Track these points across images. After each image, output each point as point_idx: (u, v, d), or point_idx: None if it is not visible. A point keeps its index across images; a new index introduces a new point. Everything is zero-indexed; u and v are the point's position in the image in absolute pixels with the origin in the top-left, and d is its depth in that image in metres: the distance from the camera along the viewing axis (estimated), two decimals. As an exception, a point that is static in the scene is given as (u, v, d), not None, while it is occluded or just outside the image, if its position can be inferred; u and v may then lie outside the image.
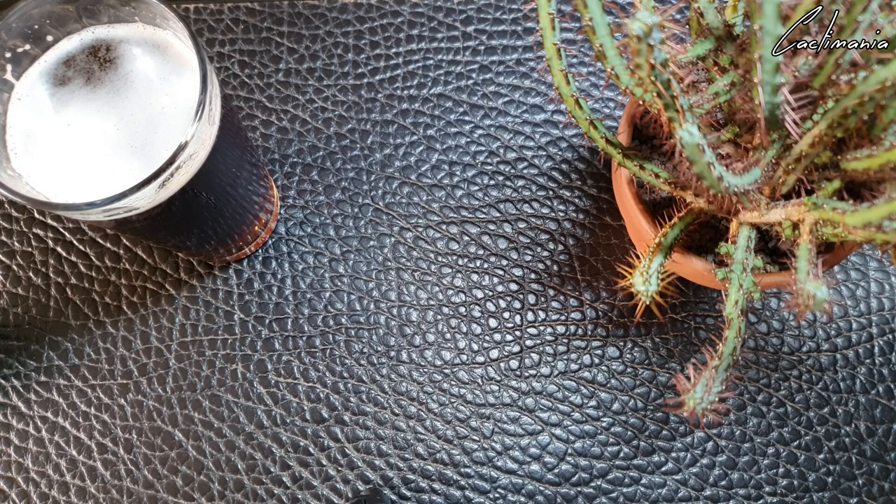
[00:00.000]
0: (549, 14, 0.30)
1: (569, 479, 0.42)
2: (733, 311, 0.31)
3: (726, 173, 0.28)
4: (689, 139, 0.25)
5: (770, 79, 0.26)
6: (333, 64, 0.50)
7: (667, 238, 0.33)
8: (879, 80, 0.25)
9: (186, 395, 0.44)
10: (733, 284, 0.31)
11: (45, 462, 0.43)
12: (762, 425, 0.43)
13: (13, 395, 0.45)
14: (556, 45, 0.30)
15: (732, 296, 0.31)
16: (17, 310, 0.46)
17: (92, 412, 0.44)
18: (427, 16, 0.51)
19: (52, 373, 0.45)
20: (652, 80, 0.24)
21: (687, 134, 0.25)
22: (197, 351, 0.45)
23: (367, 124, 0.49)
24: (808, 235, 0.29)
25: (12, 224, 0.48)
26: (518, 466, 0.43)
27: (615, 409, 0.44)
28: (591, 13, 0.29)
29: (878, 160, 0.26)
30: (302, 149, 0.49)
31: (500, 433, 0.43)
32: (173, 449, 0.44)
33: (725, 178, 0.27)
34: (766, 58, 0.25)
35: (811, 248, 0.29)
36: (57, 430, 0.44)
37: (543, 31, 0.30)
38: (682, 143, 0.25)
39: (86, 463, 0.43)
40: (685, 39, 0.31)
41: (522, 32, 0.51)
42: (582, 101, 0.31)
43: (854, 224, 0.27)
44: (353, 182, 0.48)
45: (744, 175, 0.29)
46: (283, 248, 0.47)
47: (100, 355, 0.45)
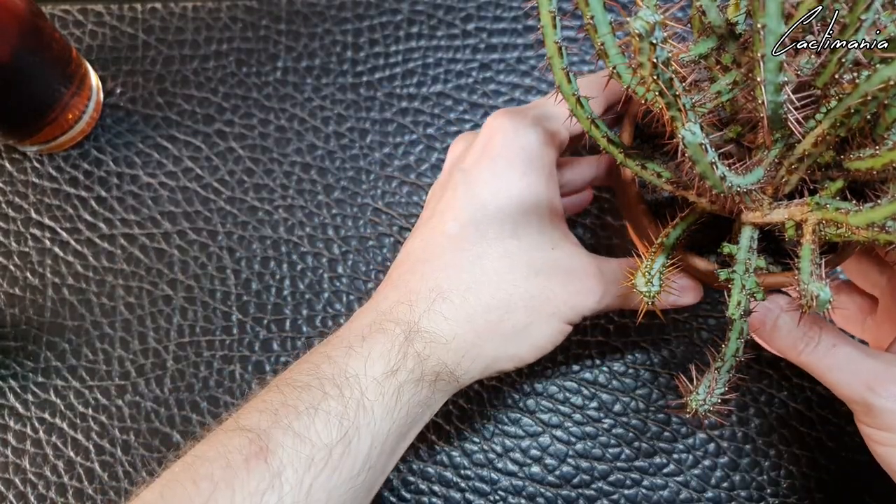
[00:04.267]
0: (550, 12, 0.29)
1: (570, 481, 0.42)
2: (736, 312, 0.30)
3: (729, 173, 0.27)
4: (691, 138, 0.24)
5: (773, 78, 0.26)
6: (332, 62, 0.50)
7: (669, 238, 0.32)
8: (882, 80, 0.24)
9: (184, 396, 0.44)
10: (736, 285, 0.31)
11: (43, 463, 0.43)
12: (764, 426, 0.43)
13: (10, 396, 0.44)
14: (558, 42, 0.30)
15: (735, 297, 0.31)
16: (14, 310, 0.46)
17: (90, 413, 0.44)
18: (427, 13, 0.51)
19: (49, 374, 0.45)
20: (654, 79, 0.24)
21: (689, 133, 0.24)
22: (195, 352, 0.45)
23: (366, 123, 0.49)
24: (811, 235, 0.29)
25: (9, 224, 0.47)
26: (518, 468, 0.43)
27: (616, 411, 0.43)
28: (592, 11, 0.28)
29: (882, 160, 0.26)
30: (300, 148, 0.48)
31: (501, 435, 0.43)
32: (171, 450, 0.43)
33: (728, 178, 0.27)
34: (768, 57, 0.25)
35: (814, 249, 0.28)
36: (54, 431, 0.44)
37: (544, 28, 0.30)
38: (685, 142, 0.25)
39: (83, 464, 0.43)
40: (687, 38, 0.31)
41: (523, 30, 0.50)
42: (584, 100, 0.31)
43: (857, 224, 0.26)
44: (352, 181, 0.48)
45: (747, 174, 0.29)
46: (281, 248, 0.47)
47: (97, 356, 0.45)
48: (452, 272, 0.34)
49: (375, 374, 0.31)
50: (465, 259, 0.34)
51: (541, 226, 0.35)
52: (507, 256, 0.34)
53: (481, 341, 0.33)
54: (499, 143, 0.35)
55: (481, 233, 0.34)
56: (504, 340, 0.34)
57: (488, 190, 0.34)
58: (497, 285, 0.33)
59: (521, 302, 0.33)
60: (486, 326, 0.33)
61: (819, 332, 0.32)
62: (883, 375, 0.31)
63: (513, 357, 0.34)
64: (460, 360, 0.33)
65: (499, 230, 0.34)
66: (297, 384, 0.31)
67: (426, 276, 0.34)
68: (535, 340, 0.34)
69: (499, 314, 0.33)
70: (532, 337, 0.34)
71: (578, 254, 0.35)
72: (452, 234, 0.34)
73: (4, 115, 0.45)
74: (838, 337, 0.32)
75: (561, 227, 0.36)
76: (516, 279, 0.33)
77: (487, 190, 0.34)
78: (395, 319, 0.33)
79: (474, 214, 0.34)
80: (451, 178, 0.36)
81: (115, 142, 0.49)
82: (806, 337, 0.32)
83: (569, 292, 0.34)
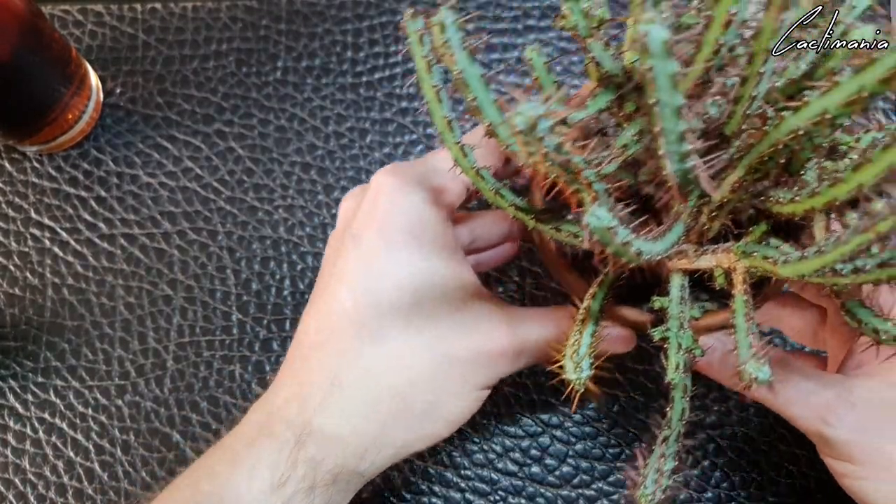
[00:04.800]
0: (433, 87, 0.27)
1: (570, 482, 0.42)
2: (676, 376, 0.28)
3: (645, 243, 0.25)
4: (597, 224, 0.22)
5: (676, 148, 0.23)
6: (332, 62, 0.50)
7: (595, 300, 0.29)
8: (791, 129, 0.23)
9: (184, 396, 0.44)
10: (671, 346, 0.28)
11: (43, 463, 0.43)
12: (764, 426, 0.43)
13: (10, 396, 0.44)
14: (447, 118, 0.27)
15: (672, 359, 0.28)
16: (14, 310, 0.46)
17: (90, 413, 0.44)
18: (426, 14, 0.51)
19: (49, 374, 0.45)
20: (549, 165, 0.22)
21: (595, 219, 0.21)
22: (195, 352, 0.45)
23: (366, 123, 0.49)
24: (742, 286, 0.27)
25: (9, 224, 0.47)
26: (518, 468, 0.43)
27: (616, 410, 0.43)
28: (474, 93, 0.26)
29: (802, 206, 0.24)
30: (300, 147, 0.48)
31: (501, 434, 0.43)
32: (171, 450, 0.43)
33: (644, 251, 0.24)
34: (667, 129, 0.22)
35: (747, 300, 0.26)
36: (54, 431, 0.44)
37: (430, 105, 0.27)
38: (591, 228, 0.22)
39: (83, 464, 0.43)
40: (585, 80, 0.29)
41: (523, 30, 0.50)
42: (485, 172, 0.29)
43: (788, 276, 0.24)
44: (352, 181, 0.48)
45: (665, 235, 0.27)
46: (281, 248, 0.47)
47: (97, 356, 0.45)
48: (349, 358, 0.31)
49: (262, 488, 0.29)
50: (362, 341, 0.31)
51: (442, 292, 0.32)
52: (408, 332, 0.31)
53: (387, 430, 0.31)
54: (384, 205, 0.32)
55: (378, 308, 0.31)
56: (414, 423, 0.31)
57: (381, 261, 0.32)
58: (399, 367, 0.31)
59: (427, 380, 0.31)
60: (391, 413, 0.31)
61: None
62: (834, 404, 0.29)
63: (427, 437, 0.32)
64: (363, 455, 0.31)
65: (396, 304, 0.31)
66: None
67: (321, 364, 0.31)
68: (449, 416, 0.32)
69: (403, 398, 0.31)
70: (445, 413, 0.32)
71: (489, 315, 0.32)
72: (348, 310, 0.31)
73: (4, 114, 0.45)
74: (787, 368, 0.30)
75: (465, 287, 0.33)
76: (420, 356, 0.31)
77: (380, 261, 0.32)
78: (285, 419, 0.30)
79: (369, 288, 0.31)
80: (343, 243, 0.33)
81: (114, 142, 0.49)
82: None
83: (479, 360, 0.32)
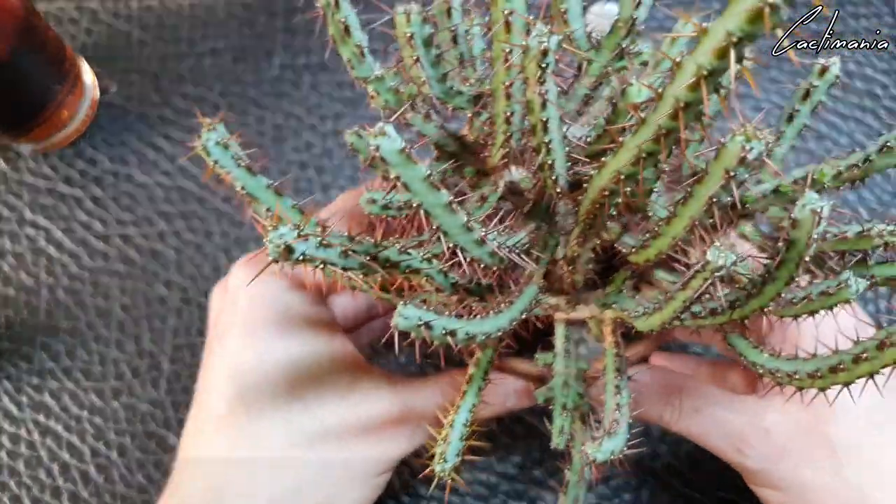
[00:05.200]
0: None
1: (571, 484, 0.42)
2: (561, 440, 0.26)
3: (476, 324, 0.23)
4: (405, 324, 0.20)
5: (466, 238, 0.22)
6: (329, 59, 0.49)
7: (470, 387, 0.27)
8: (612, 173, 0.22)
9: (180, 398, 0.44)
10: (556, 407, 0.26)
11: (38, 466, 0.43)
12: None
13: (5, 398, 0.44)
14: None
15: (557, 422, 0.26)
16: (9, 311, 0.45)
17: (85, 415, 0.43)
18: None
19: (44, 375, 0.44)
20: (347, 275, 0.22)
21: (402, 319, 0.20)
22: (190, 353, 0.44)
23: (365, 120, 0.48)
24: (612, 337, 0.26)
25: (3, 224, 0.47)
26: (519, 472, 0.42)
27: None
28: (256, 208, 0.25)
29: (652, 251, 0.23)
30: (298, 145, 0.48)
31: (501, 434, 0.42)
32: (167, 453, 0.43)
33: (476, 332, 0.23)
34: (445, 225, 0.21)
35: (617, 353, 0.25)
36: (49, 433, 0.43)
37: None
38: (399, 328, 0.20)
39: (78, 467, 0.43)
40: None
41: (523, 25, 0.49)
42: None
43: (644, 329, 0.24)
44: (350, 180, 0.47)
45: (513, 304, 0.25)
46: (278, 247, 0.46)
47: (92, 357, 0.44)
48: (229, 468, 0.29)
49: None
50: (240, 447, 0.29)
51: (323, 371, 0.31)
52: (286, 430, 0.29)
53: None
54: (243, 303, 0.31)
55: (252, 410, 0.30)
56: None
57: (247, 361, 0.30)
58: (283, 468, 0.29)
59: (318, 477, 0.30)
60: None
61: (679, 398, 0.29)
62: (747, 432, 0.29)
63: None
64: None
65: (270, 401, 0.30)
66: None
67: (204, 478, 0.30)
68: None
69: (294, 500, 0.29)
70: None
71: (377, 395, 0.31)
72: (221, 416, 0.30)
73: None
74: (700, 397, 0.29)
75: (346, 362, 0.32)
76: (304, 454, 0.29)
77: (246, 361, 0.30)
78: None
79: (238, 390, 0.30)
80: (210, 345, 0.32)
81: (110, 140, 0.48)
82: (669, 406, 0.29)
83: (370, 446, 0.30)
